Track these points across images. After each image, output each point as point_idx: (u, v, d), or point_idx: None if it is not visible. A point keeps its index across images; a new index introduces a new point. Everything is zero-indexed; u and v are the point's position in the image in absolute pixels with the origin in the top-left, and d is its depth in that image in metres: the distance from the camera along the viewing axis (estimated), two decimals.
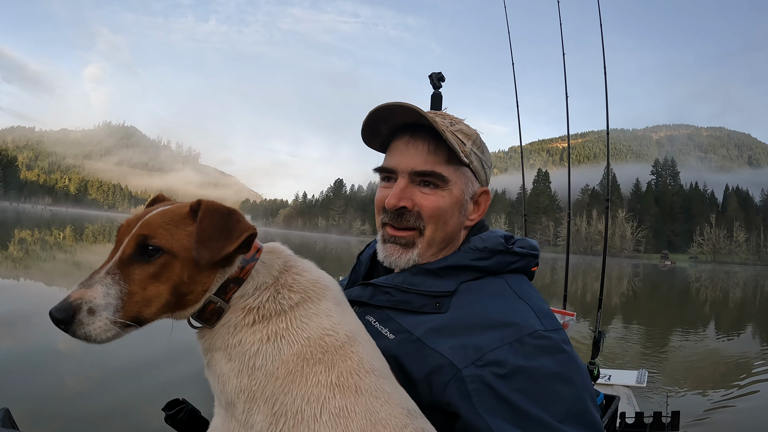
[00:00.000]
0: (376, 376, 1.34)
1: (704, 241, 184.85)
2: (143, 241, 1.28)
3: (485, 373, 1.39)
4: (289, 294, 1.40)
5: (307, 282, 1.45)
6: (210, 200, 1.36)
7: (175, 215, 1.34)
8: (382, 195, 1.77)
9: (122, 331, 1.25)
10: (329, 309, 1.41)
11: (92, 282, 1.24)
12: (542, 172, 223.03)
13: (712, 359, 13.81)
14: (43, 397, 6.84)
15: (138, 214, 1.38)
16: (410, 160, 1.70)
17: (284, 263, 1.48)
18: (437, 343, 1.49)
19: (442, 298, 1.61)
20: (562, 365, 1.44)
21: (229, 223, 1.32)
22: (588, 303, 24.35)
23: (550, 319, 1.57)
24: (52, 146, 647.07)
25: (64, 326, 1.19)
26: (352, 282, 2.02)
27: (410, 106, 1.65)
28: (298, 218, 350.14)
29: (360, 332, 1.44)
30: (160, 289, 1.28)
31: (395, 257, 1.73)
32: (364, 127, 1.79)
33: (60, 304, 1.20)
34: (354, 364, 1.32)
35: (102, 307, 1.21)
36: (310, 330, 1.34)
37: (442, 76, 2.46)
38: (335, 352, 1.32)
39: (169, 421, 1.74)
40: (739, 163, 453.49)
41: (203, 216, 1.31)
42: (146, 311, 1.27)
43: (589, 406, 1.42)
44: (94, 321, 1.20)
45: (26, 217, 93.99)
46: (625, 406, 5.65)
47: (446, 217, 1.72)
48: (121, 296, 1.24)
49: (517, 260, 1.73)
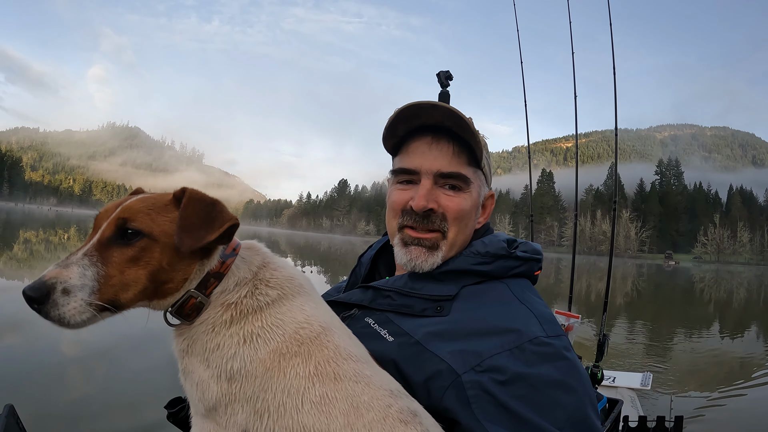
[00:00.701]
0: (354, 361, 1.34)
1: (708, 241, 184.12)
2: (123, 224, 1.26)
3: (485, 380, 1.37)
4: (267, 290, 1.40)
5: (283, 278, 1.45)
6: (194, 189, 1.35)
7: (157, 201, 1.33)
8: (402, 197, 1.74)
9: (98, 314, 1.21)
10: (303, 304, 1.41)
11: (69, 262, 1.21)
12: (546, 172, 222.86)
13: (716, 360, 13.77)
14: (47, 396, 6.85)
15: (117, 201, 1.35)
16: (434, 161, 1.68)
17: (262, 260, 1.48)
18: (437, 347, 1.47)
19: (443, 302, 1.60)
20: (563, 372, 1.42)
21: (213, 212, 1.31)
22: (592, 303, 24.34)
23: (552, 325, 1.55)
24: (56, 147, 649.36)
25: (37, 306, 1.15)
26: (351, 284, 2.02)
27: (444, 106, 1.63)
28: (303, 219, 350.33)
29: (334, 322, 1.45)
30: (138, 274, 1.25)
31: (421, 260, 1.69)
32: (388, 125, 1.75)
33: (34, 282, 1.16)
34: (330, 353, 1.32)
35: (77, 288, 1.17)
36: (285, 326, 1.34)
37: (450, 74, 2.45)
38: (311, 343, 1.32)
39: (171, 419, 1.74)
40: (743, 163, 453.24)
41: (187, 203, 1.30)
42: (123, 295, 1.24)
43: (590, 414, 1.40)
44: (68, 301, 1.16)
45: (34, 218, 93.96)
46: (629, 410, 5.63)
47: (467, 220, 1.72)
48: (98, 278, 1.21)
49: (520, 265, 1.71)
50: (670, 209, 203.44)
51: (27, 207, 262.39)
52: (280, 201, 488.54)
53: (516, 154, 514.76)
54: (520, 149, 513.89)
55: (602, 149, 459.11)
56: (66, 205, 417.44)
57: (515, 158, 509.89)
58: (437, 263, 1.69)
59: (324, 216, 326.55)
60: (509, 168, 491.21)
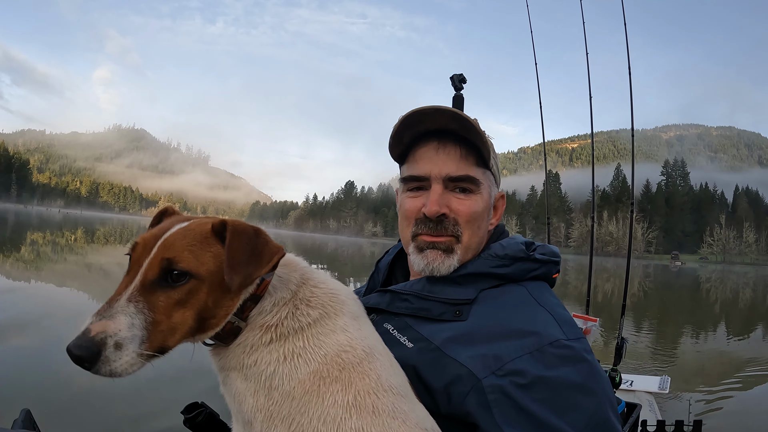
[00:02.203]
0: (394, 395, 1.31)
1: (714, 242, 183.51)
2: (168, 266, 1.21)
3: (505, 383, 1.37)
4: (308, 310, 1.37)
5: (324, 295, 1.42)
6: (236, 220, 1.31)
7: (197, 235, 1.27)
8: (414, 205, 1.73)
9: (147, 362, 1.17)
10: (346, 324, 1.39)
11: (113, 312, 1.14)
12: (552, 173, 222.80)
13: (724, 360, 13.69)
14: (56, 398, 6.84)
15: (154, 232, 1.30)
16: (443, 166, 1.67)
17: (301, 276, 1.44)
18: (456, 352, 1.47)
19: (461, 306, 1.59)
20: (584, 375, 1.41)
21: (258, 245, 1.27)
22: (599, 304, 24.26)
23: (572, 327, 1.54)
24: (62, 149, 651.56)
25: (88, 365, 1.09)
26: (370, 289, 2.01)
27: (448, 109, 1.63)
28: (309, 220, 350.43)
29: (377, 346, 1.42)
30: (185, 316, 1.22)
31: (438, 263, 1.67)
32: (393, 133, 1.75)
33: (80, 340, 1.10)
34: (372, 383, 1.29)
35: (128, 340, 1.12)
36: (327, 347, 1.31)
37: (463, 77, 2.44)
38: (352, 370, 1.30)
39: (188, 423, 1.73)
40: (749, 163, 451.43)
41: (232, 239, 1.25)
42: (171, 340, 1.21)
43: (611, 417, 1.40)
44: (120, 356, 1.11)
45: (48, 220, 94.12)
46: (647, 414, 5.57)
47: (480, 222, 1.72)
48: (146, 326, 1.16)
49: (538, 267, 1.71)
50: (676, 210, 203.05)
51: (36, 209, 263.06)
52: (286, 202, 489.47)
53: (521, 155, 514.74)
54: (526, 150, 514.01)
55: (608, 150, 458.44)
56: (74, 207, 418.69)
57: (521, 159, 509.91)
58: (454, 266, 1.68)
59: (331, 218, 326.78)
60: (515, 169, 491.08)
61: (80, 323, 1.13)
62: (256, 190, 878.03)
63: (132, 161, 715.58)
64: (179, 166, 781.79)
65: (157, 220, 1.45)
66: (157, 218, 1.47)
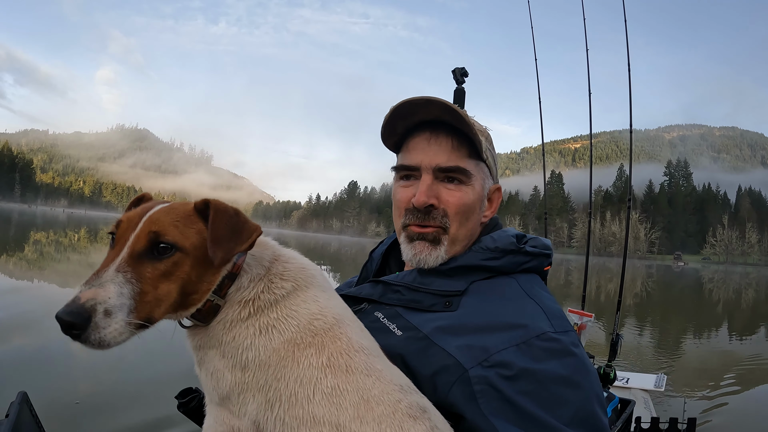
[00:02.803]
0: (366, 355, 1.35)
1: (717, 242, 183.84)
2: (155, 238, 1.24)
3: (491, 375, 1.37)
4: (282, 283, 1.40)
5: (296, 269, 1.46)
6: (216, 199, 1.35)
7: (181, 212, 1.32)
8: (404, 195, 1.74)
9: (134, 332, 1.19)
10: (316, 295, 1.42)
11: (102, 281, 1.16)
12: (555, 173, 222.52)
13: (726, 360, 13.70)
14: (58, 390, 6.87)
15: (137, 210, 1.34)
16: (434, 156, 1.68)
17: (272, 253, 1.48)
18: (445, 341, 1.47)
19: (452, 297, 1.60)
20: (570, 368, 1.41)
21: (238, 223, 1.32)
22: (602, 304, 24.24)
23: (560, 320, 1.54)
24: (65, 149, 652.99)
25: (77, 331, 1.10)
26: (362, 279, 2.03)
27: (438, 100, 1.63)
28: (312, 220, 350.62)
29: (347, 314, 1.46)
30: (170, 288, 1.24)
31: (425, 254, 1.69)
32: (384, 123, 1.75)
33: (70, 307, 1.11)
34: (343, 345, 1.33)
35: (117, 308, 1.14)
36: (300, 317, 1.35)
37: (465, 71, 2.42)
38: (324, 335, 1.33)
39: (182, 409, 1.74)
40: (752, 163, 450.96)
41: (215, 216, 1.29)
42: (156, 311, 1.22)
43: (597, 411, 1.40)
44: (110, 323, 1.12)
45: (48, 220, 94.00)
46: (642, 411, 5.58)
47: (470, 213, 1.71)
48: (134, 296, 1.18)
49: (529, 260, 1.71)
50: (678, 210, 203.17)
51: (40, 209, 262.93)
52: (289, 202, 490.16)
53: (524, 155, 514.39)
54: (528, 150, 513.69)
55: (611, 150, 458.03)
56: (78, 207, 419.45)
57: (523, 159, 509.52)
58: (441, 257, 1.69)
59: (334, 218, 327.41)
60: (517, 169, 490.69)
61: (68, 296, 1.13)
62: (259, 190, 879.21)
63: (135, 161, 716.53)
64: (182, 166, 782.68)
65: (134, 205, 1.48)
66: (134, 203, 1.50)
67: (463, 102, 2.78)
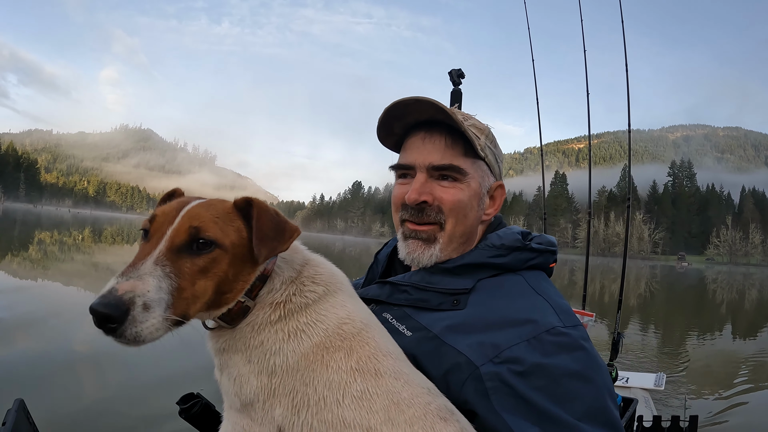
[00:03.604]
0: (393, 359, 1.35)
1: (720, 243, 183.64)
2: (196, 233, 1.22)
3: (503, 371, 1.37)
4: (314, 287, 1.40)
5: (326, 274, 1.47)
6: (260, 199, 1.35)
7: (221, 209, 1.30)
8: (399, 192, 1.77)
9: (170, 329, 1.15)
10: (344, 300, 1.43)
11: (141, 273, 1.12)
12: (560, 173, 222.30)
13: (729, 360, 13.70)
14: (59, 395, 6.93)
15: (173, 204, 1.32)
16: (428, 155, 1.70)
17: (303, 257, 1.48)
18: (455, 340, 1.47)
19: (459, 296, 1.60)
20: (581, 363, 1.42)
21: (280, 222, 1.32)
22: (606, 304, 24.24)
23: (569, 315, 1.54)
24: (69, 149, 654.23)
25: (116, 324, 1.05)
26: (368, 280, 2.04)
27: (427, 99, 1.64)
28: (317, 220, 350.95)
29: (373, 320, 1.47)
30: (206, 285, 1.22)
31: (418, 253, 1.71)
32: (379, 125, 1.79)
33: (107, 298, 1.05)
34: (372, 349, 1.33)
35: (156, 303, 1.10)
36: (328, 321, 1.35)
37: (461, 72, 2.44)
38: (353, 339, 1.33)
39: (183, 414, 1.73)
40: (756, 164, 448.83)
41: (260, 214, 1.30)
42: (192, 308, 1.20)
43: (609, 405, 1.40)
44: (147, 318, 1.08)
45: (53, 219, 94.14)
46: (643, 410, 5.59)
47: (466, 210, 1.71)
48: (172, 291, 1.15)
49: (535, 257, 1.71)
50: (682, 211, 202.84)
51: (45, 209, 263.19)
52: (293, 202, 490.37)
53: (528, 156, 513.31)
54: (532, 150, 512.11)
55: (614, 150, 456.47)
56: (82, 207, 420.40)
57: (527, 159, 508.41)
58: (436, 255, 1.70)
59: (338, 218, 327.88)
60: (521, 169, 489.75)
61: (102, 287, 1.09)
62: (263, 190, 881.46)
63: (139, 161, 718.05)
64: (186, 166, 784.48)
65: (167, 200, 1.45)
66: (165, 198, 1.47)
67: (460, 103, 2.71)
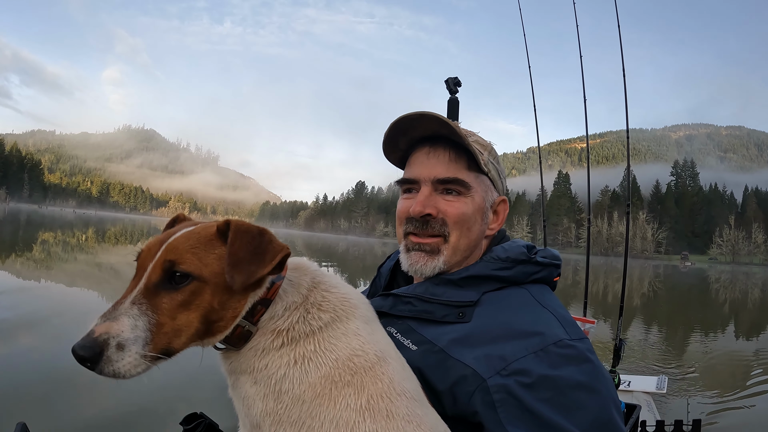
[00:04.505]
0: (407, 399, 1.30)
1: (723, 243, 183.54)
2: (170, 267, 1.21)
3: (510, 383, 1.37)
4: (319, 313, 1.36)
5: (336, 299, 1.41)
6: (239, 220, 1.30)
7: (201, 237, 1.27)
8: (404, 206, 1.78)
9: (152, 364, 1.17)
10: (358, 328, 1.38)
11: (117, 314, 1.16)
12: (562, 173, 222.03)
13: (732, 361, 13.69)
14: (61, 397, 6.94)
15: (160, 237, 1.31)
16: (432, 168, 1.71)
17: (312, 280, 1.44)
18: (461, 353, 1.48)
19: (464, 308, 1.60)
20: (588, 375, 1.42)
21: (262, 243, 1.27)
22: (609, 304, 24.26)
23: (574, 328, 1.56)
24: (72, 149, 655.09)
25: (90, 365, 1.12)
26: (371, 294, 2.01)
27: (432, 114, 1.66)
28: (320, 220, 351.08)
29: (390, 351, 1.41)
30: (190, 318, 1.21)
31: (421, 264, 1.71)
32: (385, 139, 1.81)
33: (84, 341, 1.12)
34: (385, 387, 1.28)
35: (131, 341, 1.13)
36: (339, 351, 1.31)
37: (458, 81, 2.45)
38: (365, 374, 1.29)
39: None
40: (759, 163, 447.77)
41: (234, 237, 1.24)
42: (176, 342, 1.21)
43: (615, 416, 1.41)
44: (123, 357, 1.12)
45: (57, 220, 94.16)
46: (646, 414, 5.60)
47: (470, 224, 1.72)
48: (150, 327, 1.17)
49: (540, 270, 1.72)
50: (685, 210, 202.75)
51: (49, 209, 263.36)
52: (296, 202, 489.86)
53: (530, 155, 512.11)
54: (535, 150, 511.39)
55: (617, 150, 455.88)
56: (86, 207, 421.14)
57: (529, 159, 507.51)
58: (439, 267, 1.71)
59: (342, 218, 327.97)
60: (524, 169, 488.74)
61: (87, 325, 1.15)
62: (266, 190, 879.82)
63: (142, 161, 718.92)
64: (189, 166, 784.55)
65: (170, 226, 1.46)
66: (169, 225, 1.48)
67: (457, 111, 2.79)
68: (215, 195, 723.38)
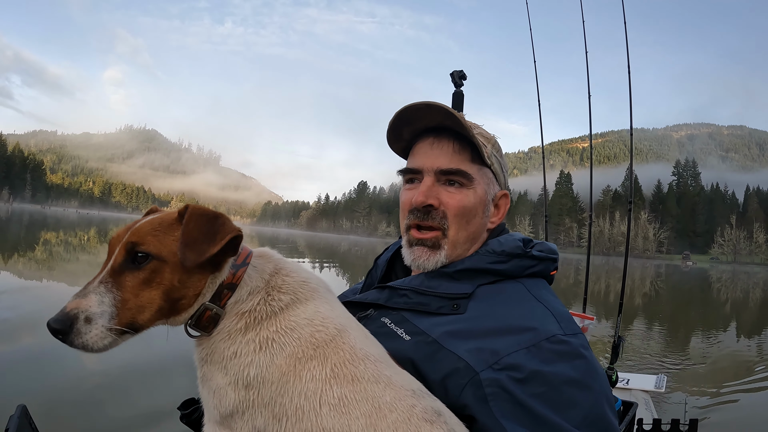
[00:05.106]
0: (372, 362, 1.35)
1: (725, 242, 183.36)
2: (132, 248, 1.30)
3: (502, 377, 1.37)
4: (280, 295, 1.41)
5: (295, 283, 1.46)
6: (198, 205, 1.37)
7: (163, 222, 1.36)
8: (407, 196, 1.78)
9: (118, 338, 1.26)
10: (317, 306, 1.42)
11: (86, 292, 1.26)
12: (564, 173, 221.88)
13: (732, 360, 13.69)
14: (61, 396, 6.99)
15: (128, 225, 1.39)
16: (435, 159, 1.71)
17: (274, 266, 1.49)
18: (454, 345, 1.48)
19: (459, 300, 1.60)
20: (580, 371, 1.42)
21: (215, 225, 1.34)
22: (610, 303, 24.23)
23: (569, 323, 1.55)
24: (74, 150, 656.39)
25: (62, 336, 1.20)
26: (367, 285, 2.03)
27: (437, 105, 1.66)
28: (322, 220, 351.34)
29: (350, 323, 1.46)
30: (152, 295, 1.30)
31: (423, 259, 1.72)
32: (389, 128, 1.81)
33: (57, 315, 1.22)
34: (347, 354, 1.34)
35: (98, 315, 1.23)
36: (300, 330, 1.35)
37: (463, 74, 2.45)
38: (326, 346, 1.33)
39: (184, 420, 1.77)
40: (760, 163, 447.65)
41: (189, 219, 1.32)
42: (140, 317, 1.28)
43: (607, 412, 1.41)
44: (90, 329, 1.21)
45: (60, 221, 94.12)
46: (643, 412, 5.59)
47: (470, 216, 1.72)
48: (115, 303, 1.26)
49: (536, 264, 1.72)
50: (687, 210, 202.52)
51: (52, 209, 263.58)
52: (298, 202, 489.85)
53: (532, 155, 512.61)
54: (536, 150, 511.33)
55: (619, 149, 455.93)
56: (89, 207, 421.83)
57: (531, 159, 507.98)
58: (441, 261, 1.71)
59: (344, 218, 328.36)
60: (525, 169, 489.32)
61: None
62: (267, 190, 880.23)
63: (144, 162, 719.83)
64: (190, 166, 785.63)
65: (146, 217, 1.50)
66: (145, 216, 1.52)
67: (462, 104, 2.80)
68: (217, 195, 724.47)
